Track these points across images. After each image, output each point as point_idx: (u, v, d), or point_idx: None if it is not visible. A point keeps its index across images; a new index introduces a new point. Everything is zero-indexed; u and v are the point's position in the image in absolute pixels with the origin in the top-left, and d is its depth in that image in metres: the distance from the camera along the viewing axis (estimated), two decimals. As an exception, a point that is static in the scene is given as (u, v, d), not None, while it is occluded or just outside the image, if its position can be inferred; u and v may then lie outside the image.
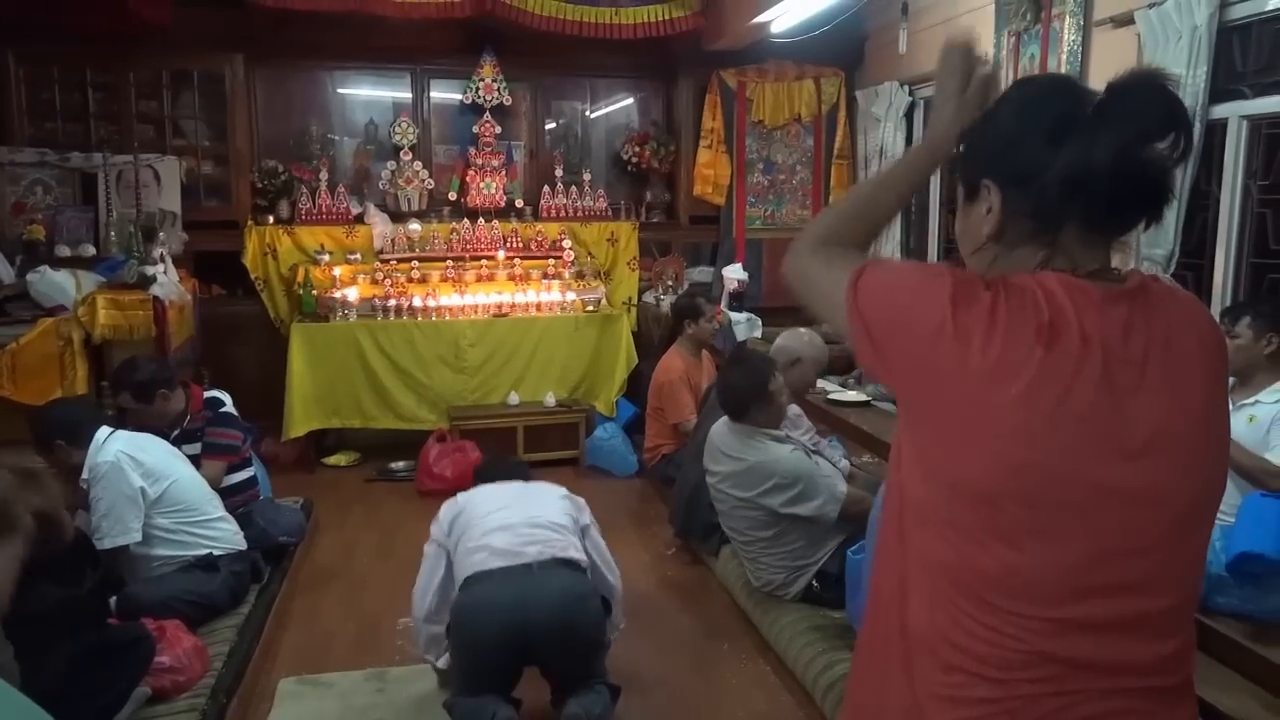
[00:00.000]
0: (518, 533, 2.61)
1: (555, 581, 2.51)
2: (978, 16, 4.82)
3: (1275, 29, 3.29)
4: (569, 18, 5.48)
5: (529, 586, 2.47)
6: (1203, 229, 3.64)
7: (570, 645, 2.52)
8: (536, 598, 2.45)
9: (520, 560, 2.53)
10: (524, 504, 2.75)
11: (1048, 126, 1.01)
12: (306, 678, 2.91)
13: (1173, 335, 1.00)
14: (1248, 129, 3.43)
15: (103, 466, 2.84)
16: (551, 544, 2.61)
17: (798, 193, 6.36)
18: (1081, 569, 0.96)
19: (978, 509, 0.97)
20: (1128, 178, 0.97)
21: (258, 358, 5.53)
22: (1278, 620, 2.24)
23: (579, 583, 2.59)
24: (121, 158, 5.05)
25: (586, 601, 2.56)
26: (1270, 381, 2.94)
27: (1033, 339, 0.94)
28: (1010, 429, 0.94)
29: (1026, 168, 1.01)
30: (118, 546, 2.84)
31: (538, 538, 2.61)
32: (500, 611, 2.44)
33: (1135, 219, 1.04)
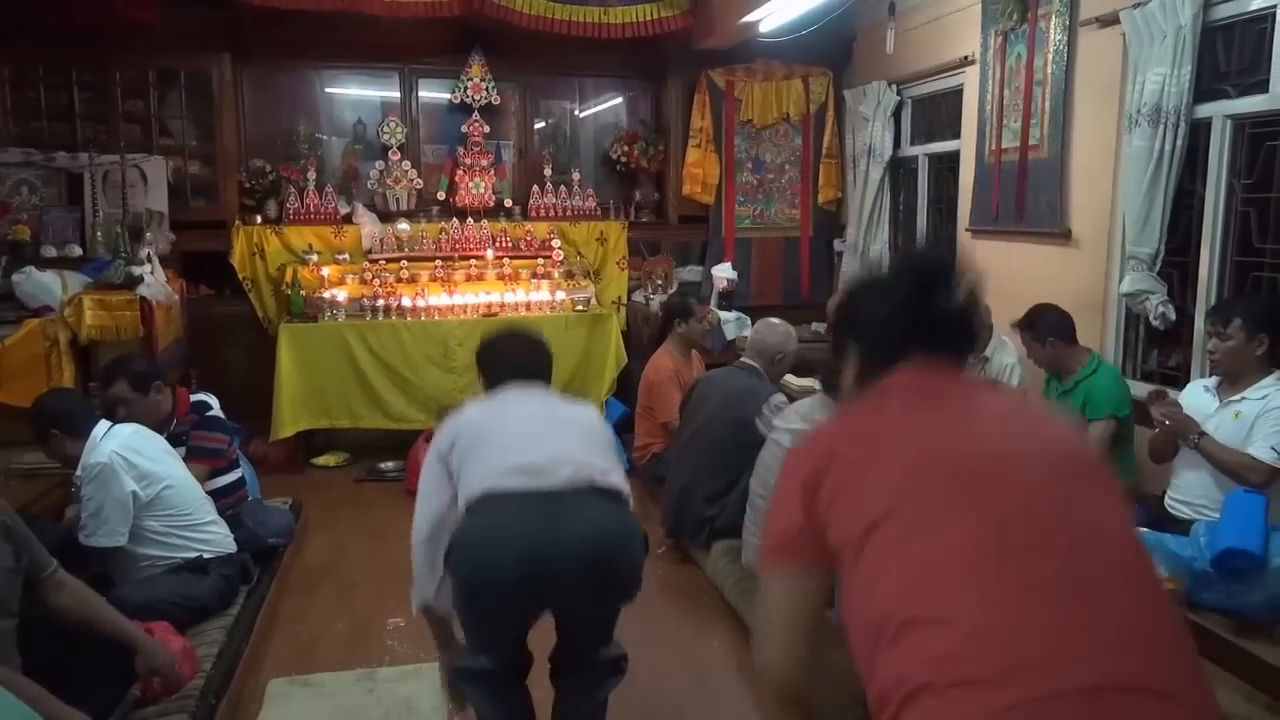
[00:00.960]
0: (546, 447, 2.05)
1: (593, 511, 1.99)
2: (965, 15, 4.84)
3: (1258, 29, 3.31)
4: (557, 17, 5.48)
5: (559, 516, 1.95)
6: (1188, 227, 3.66)
7: (603, 594, 2.05)
8: (567, 531, 1.93)
9: (549, 482, 1.99)
10: (554, 414, 2.20)
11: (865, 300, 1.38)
12: (296, 678, 2.90)
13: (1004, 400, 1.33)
14: (1231, 128, 3.45)
15: (95, 467, 2.82)
16: (590, 466, 2.05)
17: (786, 192, 6.38)
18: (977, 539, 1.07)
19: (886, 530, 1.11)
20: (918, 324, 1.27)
21: (246, 358, 5.51)
22: (1262, 616, 2.27)
23: (623, 517, 2.06)
24: (108, 157, 5.02)
25: (630, 541, 2.04)
26: (1257, 379, 2.98)
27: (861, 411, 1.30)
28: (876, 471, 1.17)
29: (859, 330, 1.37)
30: (102, 547, 2.83)
31: (573, 456, 2.05)
32: (518, 544, 1.92)
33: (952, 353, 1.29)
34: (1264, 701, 2.08)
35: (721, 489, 3.74)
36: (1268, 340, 2.95)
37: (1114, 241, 3.93)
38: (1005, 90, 4.54)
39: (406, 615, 3.39)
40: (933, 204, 5.61)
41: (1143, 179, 3.61)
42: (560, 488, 2.00)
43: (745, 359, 4.00)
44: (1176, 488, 3.15)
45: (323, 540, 4.16)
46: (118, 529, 2.83)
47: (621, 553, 2.03)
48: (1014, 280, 4.55)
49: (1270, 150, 3.33)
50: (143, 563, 2.91)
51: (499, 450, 2.07)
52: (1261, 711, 2.05)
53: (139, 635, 2.44)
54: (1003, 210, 4.59)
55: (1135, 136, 3.64)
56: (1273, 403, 2.90)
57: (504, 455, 2.05)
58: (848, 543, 1.15)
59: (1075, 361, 3.59)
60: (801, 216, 6.39)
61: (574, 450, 2.09)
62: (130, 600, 2.74)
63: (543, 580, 1.95)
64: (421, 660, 3.05)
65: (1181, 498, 3.09)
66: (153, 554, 2.92)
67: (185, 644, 2.62)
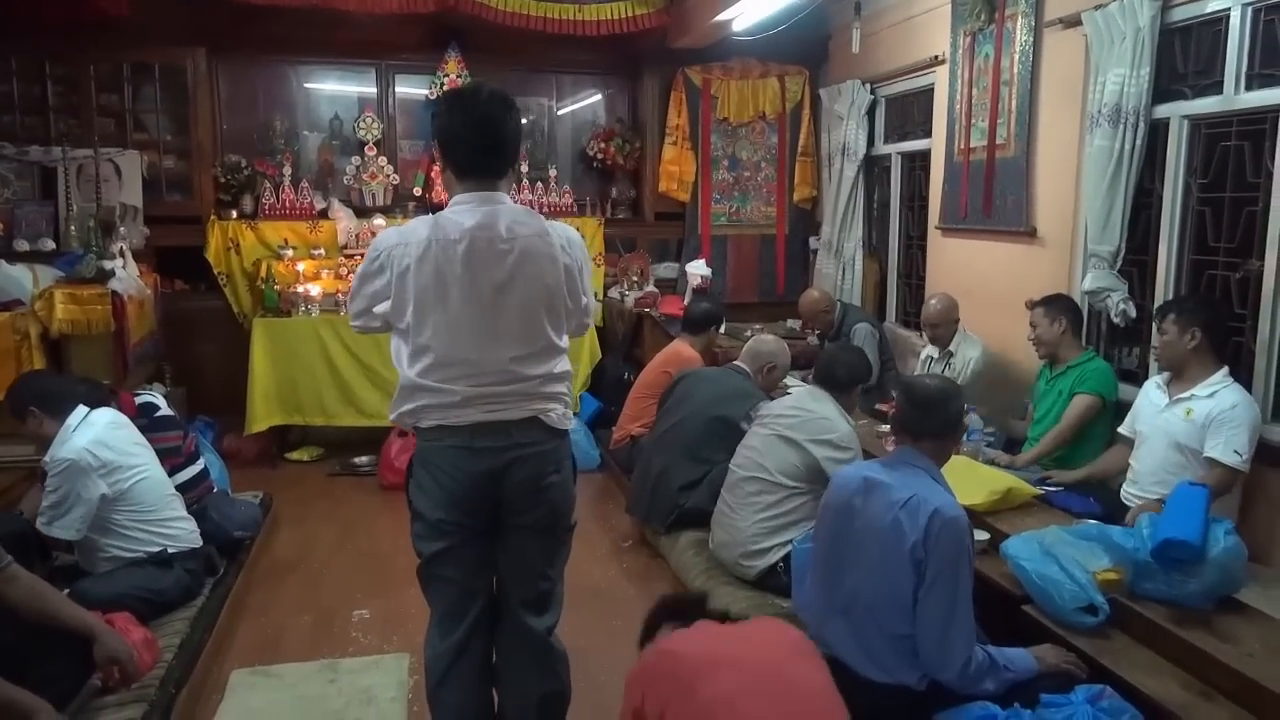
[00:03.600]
0: (497, 387, 2.11)
1: (541, 453, 2.16)
2: (935, 16, 4.89)
3: (1214, 31, 3.37)
4: (533, 13, 5.52)
5: (512, 462, 2.12)
6: (1147, 226, 3.72)
7: (546, 516, 2.24)
8: (521, 475, 2.13)
9: (502, 421, 2.11)
10: (507, 321, 2.13)
11: None
12: (258, 669, 2.92)
13: None
14: (1188, 128, 3.51)
15: (63, 462, 2.82)
16: (541, 407, 2.16)
17: (762, 189, 6.42)
18: None
19: None
20: None
21: (220, 352, 5.52)
22: (1200, 605, 2.31)
23: (563, 451, 2.25)
24: (82, 151, 5.02)
25: (569, 468, 2.27)
26: (1204, 376, 3.04)
27: None
28: None
29: None
30: (58, 539, 2.85)
31: (531, 378, 2.13)
32: (474, 485, 2.12)
33: None
34: (1199, 689, 2.12)
35: (696, 478, 3.79)
36: (1201, 334, 3.01)
37: (1077, 240, 3.99)
38: (974, 90, 4.59)
39: (372, 607, 3.43)
40: (906, 202, 5.66)
41: (1104, 178, 3.66)
42: (508, 420, 2.12)
43: (738, 363, 4.04)
44: (1133, 481, 3.21)
45: (293, 534, 4.18)
46: (76, 525, 2.83)
47: (560, 492, 2.25)
48: (982, 278, 4.61)
49: (1224, 150, 3.38)
50: (106, 553, 2.93)
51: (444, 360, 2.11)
52: (1196, 698, 2.09)
53: (97, 625, 2.45)
54: (971, 208, 4.65)
55: (1096, 136, 3.70)
56: (1225, 402, 2.96)
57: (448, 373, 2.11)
58: None
59: (1071, 352, 3.67)
60: (777, 214, 6.43)
61: (518, 369, 2.13)
62: (93, 594, 2.76)
63: (494, 502, 2.16)
64: (385, 651, 3.09)
65: (1138, 491, 3.15)
66: (117, 545, 2.94)
67: (146, 634, 2.63)
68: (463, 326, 2.09)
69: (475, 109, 2.12)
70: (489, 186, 2.14)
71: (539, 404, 2.16)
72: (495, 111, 2.13)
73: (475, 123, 2.11)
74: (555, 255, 2.17)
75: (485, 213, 2.10)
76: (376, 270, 2.14)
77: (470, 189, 2.13)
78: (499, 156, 2.15)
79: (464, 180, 2.14)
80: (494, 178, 2.15)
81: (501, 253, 2.10)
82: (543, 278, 2.15)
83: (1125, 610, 2.37)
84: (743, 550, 3.28)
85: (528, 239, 2.13)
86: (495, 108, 2.13)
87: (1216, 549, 2.31)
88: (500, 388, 2.11)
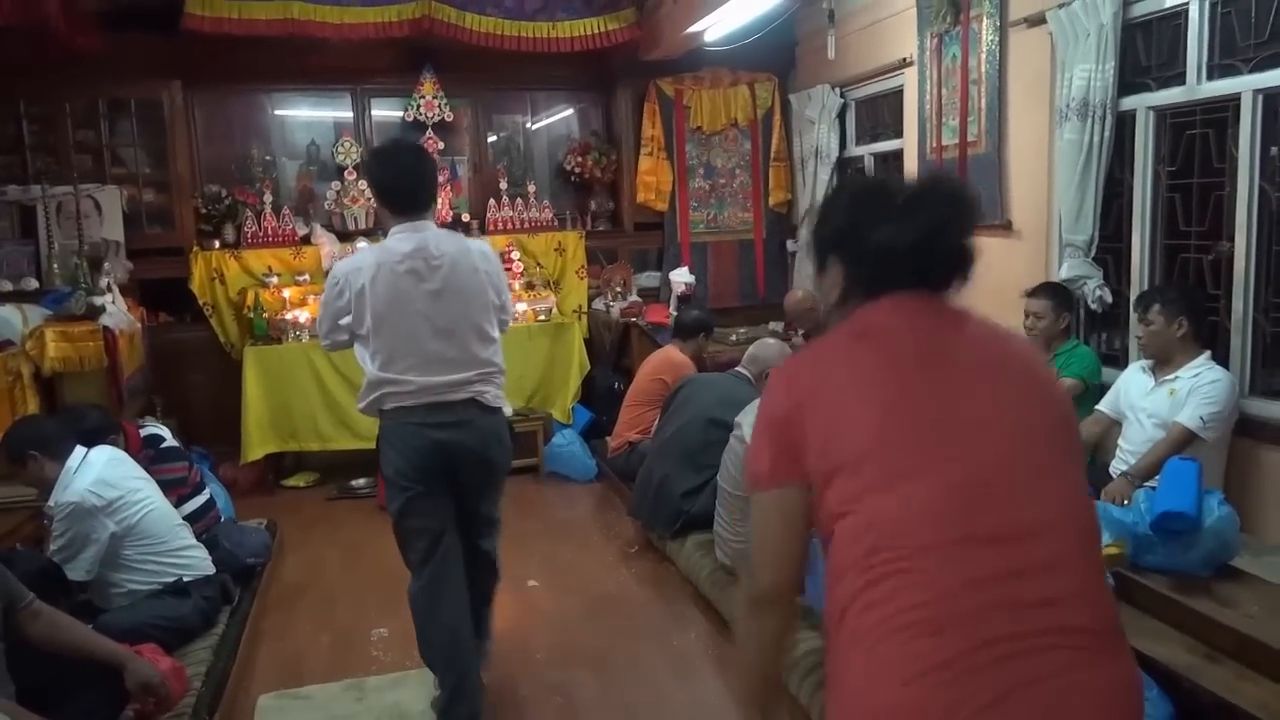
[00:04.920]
0: (445, 378, 2.65)
1: (483, 426, 2.72)
2: (901, 19, 5.02)
3: (1174, 25, 3.51)
4: (507, 33, 5.59)
5: (462, 436, 2.67)
6: (1119, 214, 3.85)
7: (489, 475, 2.82)
8: (469, 444, 2.68)
9: (450, 402, 2.66)
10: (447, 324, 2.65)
11: (869, 219, 1.30)
12: (285, 692, 2.95)
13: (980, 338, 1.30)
14: (1154, 119, 3.65)
15: (67, 506, 2.84)
16: (471, 384, 2.68)
17: (738, 195, 6.53)
18: (942, 497, 1.15)
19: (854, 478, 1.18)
20: (927, 254, 1.26)
21: (209, 383, 5.52)
22: (1198, 572, 2.43)
23: (500, 424, 2.81)
24: (61, 189, 5.00)
25: (506, 437, 2.83)
26: (1188, 359, 3.18)
27: (845, 347, 1.28)
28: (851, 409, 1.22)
29: (855, 249, 1.32)
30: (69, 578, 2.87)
31: (470, 371, 2.68)
32: (436, 457, 2.65)
33: (947, 281, 1.30)
34: (1203, 652, 2.23)
35: (699, 484, 3.85)
36: (1187, 322, 3.15)
37: (1052, 230, 4.12)
38: (943, 90, 4.73)
39: (389, 625, 3.46)
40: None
41: (1075, 170, 3.80)
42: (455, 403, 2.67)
43: (740, 368, 4.11)
44: (1122, 459, 3.33)
45: (299, 558, 4.20)
46: (85, 566, 2.86)
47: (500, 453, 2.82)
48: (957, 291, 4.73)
49: (1190, 139, 3.52)
50: (122, 589, 2.95)
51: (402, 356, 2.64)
52: (1201, 660, 2.20)
53: (125, 654, 2.47)
54: (946, 205, 4.76)
55: (1066, 130, 3.83)
56: (1205, 379, 3.10)
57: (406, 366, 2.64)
58: (818, 475, 1.22)
59: (1061, 341, 3.77)
60: (754, 219, 6.54)
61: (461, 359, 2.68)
62: (114, 626, 2.78)
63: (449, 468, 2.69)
64: (408, 667, 3.12)
65: (1126, 468, 3.27)
66: (131, 579, 2.96)
67: (175, 663, 2.66)
68: (411, 330, 2.63)
69: (400, 162, 2.72)
70: (418, 218, 2.66)
71: (476, 388, 2.70)
72: (414, 162, 2.72)
73: (401, 173, 2.68)
74: (476, 265, 2.72)
75: (418, 238, 2.63)
76: (337, 294, 2.69)
77: (404, 221, 2.66)
78: (423, 195, 2.70)
79: (398, 216, 2.67)
80: (421, 211, 2.68)
81: (435, 268, 2.64)
82: (469, 284, 2.70)
83: (1129, 582, 2.47)
84: (743, 559, 3.35)
85: (454, 255, 2.67)
86: (414, 159, 2.74)
87: (1211, 518, 2.43)
88: (444, 377, 2.65)
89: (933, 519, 1.14)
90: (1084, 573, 1.16)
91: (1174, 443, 3.03)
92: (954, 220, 1.27)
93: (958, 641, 1.08)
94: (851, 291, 1.32)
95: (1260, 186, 3.24)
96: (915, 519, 1.14)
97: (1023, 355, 1.33)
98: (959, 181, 1.28)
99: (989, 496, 1.15)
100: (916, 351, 1.24)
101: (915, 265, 1.26)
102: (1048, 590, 1.11)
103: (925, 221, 1.25)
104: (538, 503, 4.94)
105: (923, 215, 1.26)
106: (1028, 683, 1.07)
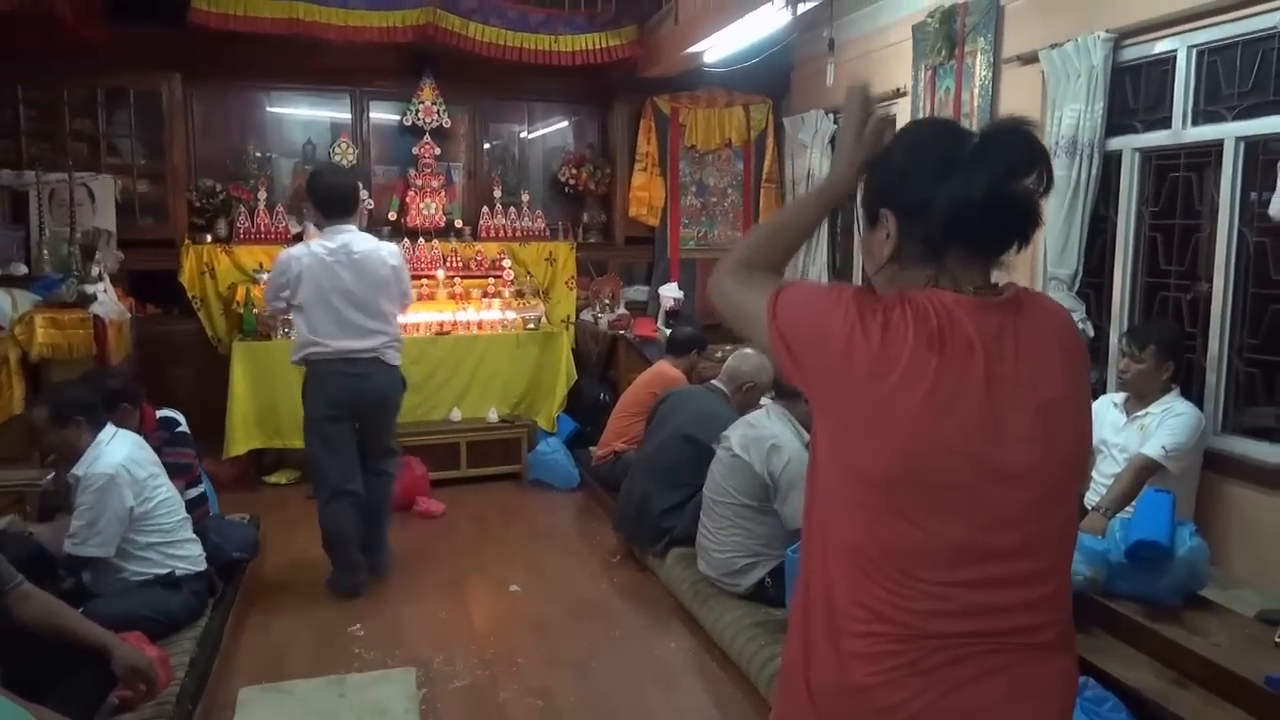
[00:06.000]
0: (357, 340, 3.66)
1: (384, 378, 3.75)
2: (897, 50, 5.13)
3: (1161, 70, 3.63)
4: (510, 44, 5.65)
5: (366, 383, 3.69)
6: (1103, 251, 3.96)
7: (385, 415, 3.88)
8: (370, 390, 3.71)
9: (360, 358, 3.67)
10: (362, 300, 3.65)
11: (933, 165, 1.18)
12: (267, 685, 2.96)
13: (1038, 336, 1.19)
14: (1140, 160, 3.76)
15: (101, 477, 2.87)
16: (375, 348, 3.69)
17: (729, 215, 6.61)
18: (965, 539, 1.14)
19: (880, 494, 1.15)
20: (999, 208, 1.16)
21: (194, 376, 5.50)
22: (1169, 601, 2.51)
23: (397, 377, 3.85)
24: (55, 176, 4.98)
25: (400, 388, 3.89)
26: (1160, 395, 3.27)
27: (926, 346, 1.11)
28: (907, 425, 1.11)
29: (916, 200, 1.19)
30: (88, 556, 2.89)
31: (377, 336, 3.69)
32: (345, 397, 3.68)
33: (1008, 243, 1.21)
34: (1172, 678, 2.30)
35: (678, 502, 3.90)
36: (1173, 367, 3.24)
37: (1037, 263, 4.22)
38: (935, 121, 4.82)
39: (371, 623, 3.49)
40: (868, 227, 5.86)
41: (1062, 206, 3.90)
42: (364, 359, 3.69)
43: (716, 382, 4.15)
44: (1095, 491, 3.41)
45: (281, 555, 4.20)
46: (112, 541, 2.90)
47: (394, 397, 3.88)
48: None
49: (1173, 181, 3.64)
50: (119, 574, 2.96)
51: (325, 323, 3.64)
52: (1170, 686, 2.27)
53: (112, 639, 2.47)
54: (934, 234, 4.86)
55: (1054, 166, 3.92)
56: (1173, 411, 3.20)
57: (329, 332, 3.64)
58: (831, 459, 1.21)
59: None
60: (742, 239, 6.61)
61: (370, 329, 3.70)
62: (103, 614, 2.78)
63: (355, 406, 3.73)
64: (389, 665, 3.15)
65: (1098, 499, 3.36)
66: (131, 568, 2.97)
67: (160, 652, 2.67)
68: (334, 305, 3.62)
69: (334, 180, 3.84)
70: (344, 222, 3.73)
71: (380, 350, 3.71)
72: (343, 181, 3.89)
73: (333, 188, 3.75)
74: (385, 259, 3.75)
75: (343, 238, 3.68)
76: (281, 273, 3.68)
77: (332, 224, 3.71)
78: (349, 204, 3.79)
79: (328, 219, 3.73)
80: (346, 217, 3.75)
81: (354, 261, 3.65)
82: (378, 274, 3.71)
83: (1103, 609, 2.55)
84: (726, 570, 3.41)
85: (368, 252, 3.71)
86: (344, 179, 3.94)
87: (1183, 549, 2.51)
88: (357, 341, 3.66)
89: (946, 554, 1.14)
90: (1056, 583, 1.21)
91: (1136, 470, 3.10)
92: (1028, 166, 1.15)
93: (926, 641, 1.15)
94: (907, 248, 1.21)
95: (1239, 230, 3.36)
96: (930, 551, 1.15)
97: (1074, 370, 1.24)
98: (1032, 126, 1.18)
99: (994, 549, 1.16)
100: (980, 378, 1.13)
101: (984, 219, 1.16)
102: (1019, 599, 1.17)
103: (1000, 168, 1.14)
104: (521, 509, 4.97)
105: (998, 160, 1.15)
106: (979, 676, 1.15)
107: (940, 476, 1.13)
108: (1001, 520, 1.15)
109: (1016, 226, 1.19)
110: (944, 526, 1.14)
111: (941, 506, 1.13)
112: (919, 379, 1.11)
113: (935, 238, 1.18)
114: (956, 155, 1.17)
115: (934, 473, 1.12)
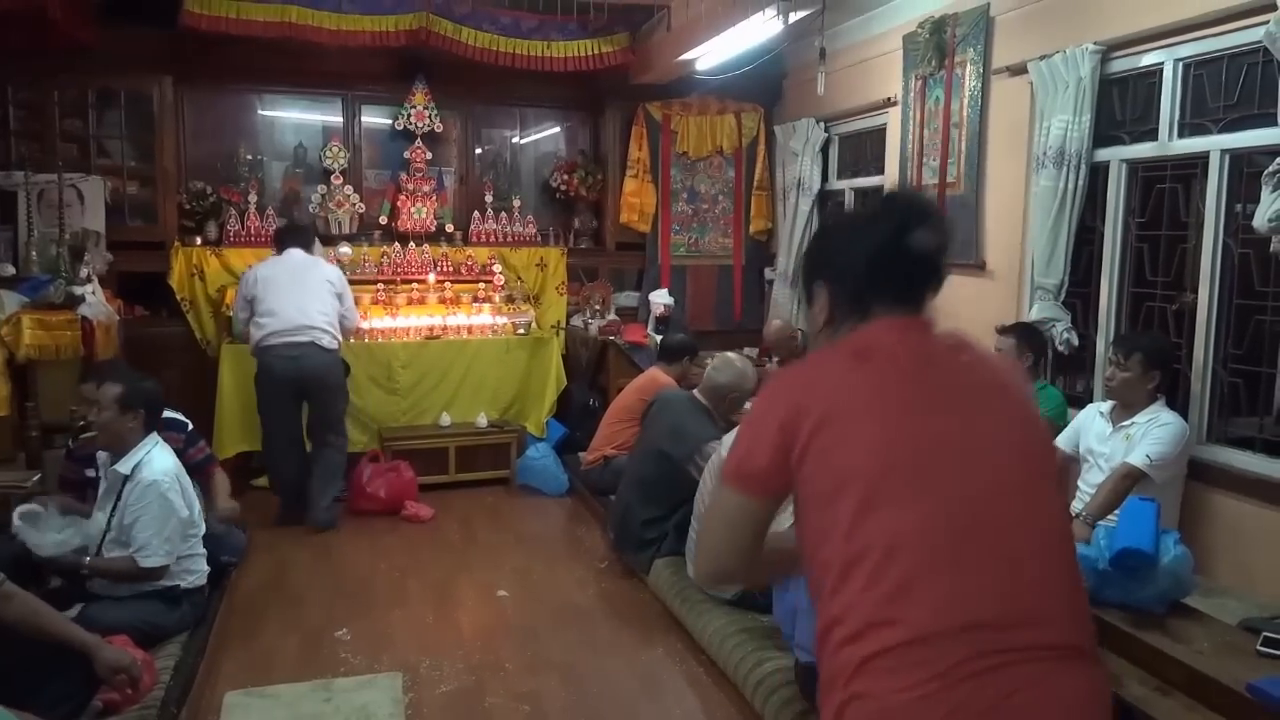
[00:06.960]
0: (296, 324, 4.48)
1: (319, 359, 4.52)
2: (888, 60, 5.17)
3: (1148, 83, 3.67)
4: (502, 49, 5.66)
5: (303, 362, 4.48)
6: (1089, 261, 3.99)
7: (325, 393, 4.63)
8: (308, 368, 4.50)
9: (298, 342, 4.47)
10: (302, 297, 4.54)
11: (848, 234, 1.43)
12: (253, 690, 2.95)
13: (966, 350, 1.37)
14: (1126, 171, 3.79)
15: (158, 485, 2.91)
16: (317, 337, 4.51)
17: (720, 221, 6.63)
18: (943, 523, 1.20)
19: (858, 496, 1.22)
20: (903, 255, 1.33)
21: (181, 379, 5.45)
22: (1153, 608, 2.52)
23: (333, 360, 4.62)
24: (44, 176, 4.96)
25: (337, 370, 4.69)
26: (1145, 405, 3.29)
27: (852, 360, 1.30)
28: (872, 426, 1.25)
29: (838, 265, 1.40)
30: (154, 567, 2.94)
31: (313, 324, 4.51)
32: (286, 375, 4.48)
33: (923, 286, 1.37)
34: (1155, 685, 2.32)
35: (658, 515, 3.88)
36: (1159, 376, 3.26)
37: (1024, 272, 4.25)
38: (925, 130, 4.87)
39: (358, 627, 3.48)
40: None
41: (1049, 216, 3.93)
42: (304, 344, 4.51)
43: (697, 393, 4.12)
44: (1081, 499, 3.43)
45: (268, 559, 4.18)
46: (175, 550, 2.96)
47: (334, 378, 4.68)
48: (933, 308, 4.85)
49: (1160, 192, 3.67)
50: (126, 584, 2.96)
51: (274, 318, 4.49)
52: (1153, 693, 2.28)
53: (94, 641, 2.45)
54: (923, 242, 4.89)
55: (1042, 177, 3.97)
56: (1158, 421, 3.22)
57: (276, 326, 4.48)
58: (812, 494, 1.27)
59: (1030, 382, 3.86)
60: (734, 245, 6.65)
61: (312, 320, 4.53)
62: (98, 620, 2.76)
63: (298, 389, 4.57)
64: (376, 670, 3.14)
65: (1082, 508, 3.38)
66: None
67: (145, 655, 2.66)
68: (283, 306, 4.49)
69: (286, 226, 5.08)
70: (297, 246, 4.73)
71: (318, 339, 4.51)
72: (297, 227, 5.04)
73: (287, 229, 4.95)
74: (323, 275, 4.70)
75: (291, 255, 4.69)
76: (245, 288, 4.63)
77: (287, 248, 4.71)
78: (302, 235, 4.85)
79: (280, 246, 4.76)
80: (299, 243, 4.75)
81: (296, 272, 4.62)
82: (317, 285, 4.61)
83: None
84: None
85: (307, 264, 4.69)
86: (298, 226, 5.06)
87: (1168, 557, 2.52)
88: (299, 336, 4.48)
89: (932, 544, 1.19)
90: (1067, 591, 1.23)
91: (1119, 479, 3.13)
92: (921, 217, 1.35)
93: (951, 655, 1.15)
94: (839, 310, 1.38)
95: (1224, 242, 3.39)
96: (916, 542, 1.19)
97: (1008, 378, 1.40)
98: (914, 191, 1.39)
99: (985, 521, 1.21)
100: (915, 371, 1.30)
101: (892, 265, 1.33)
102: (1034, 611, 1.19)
103: (896, 220, 1.34)
104: (509, 514, 4.97)
105: (893, 215, 1.36)
106: (1010, 691, 1.15)
107: (917, 458, 1.24)
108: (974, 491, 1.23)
109: (920, 272, 1.36)
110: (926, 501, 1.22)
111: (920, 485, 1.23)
112: (856, 387, 1.28)
113: (861, 291, 1.36)
114: (866, 222, 1.42)
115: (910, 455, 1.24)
